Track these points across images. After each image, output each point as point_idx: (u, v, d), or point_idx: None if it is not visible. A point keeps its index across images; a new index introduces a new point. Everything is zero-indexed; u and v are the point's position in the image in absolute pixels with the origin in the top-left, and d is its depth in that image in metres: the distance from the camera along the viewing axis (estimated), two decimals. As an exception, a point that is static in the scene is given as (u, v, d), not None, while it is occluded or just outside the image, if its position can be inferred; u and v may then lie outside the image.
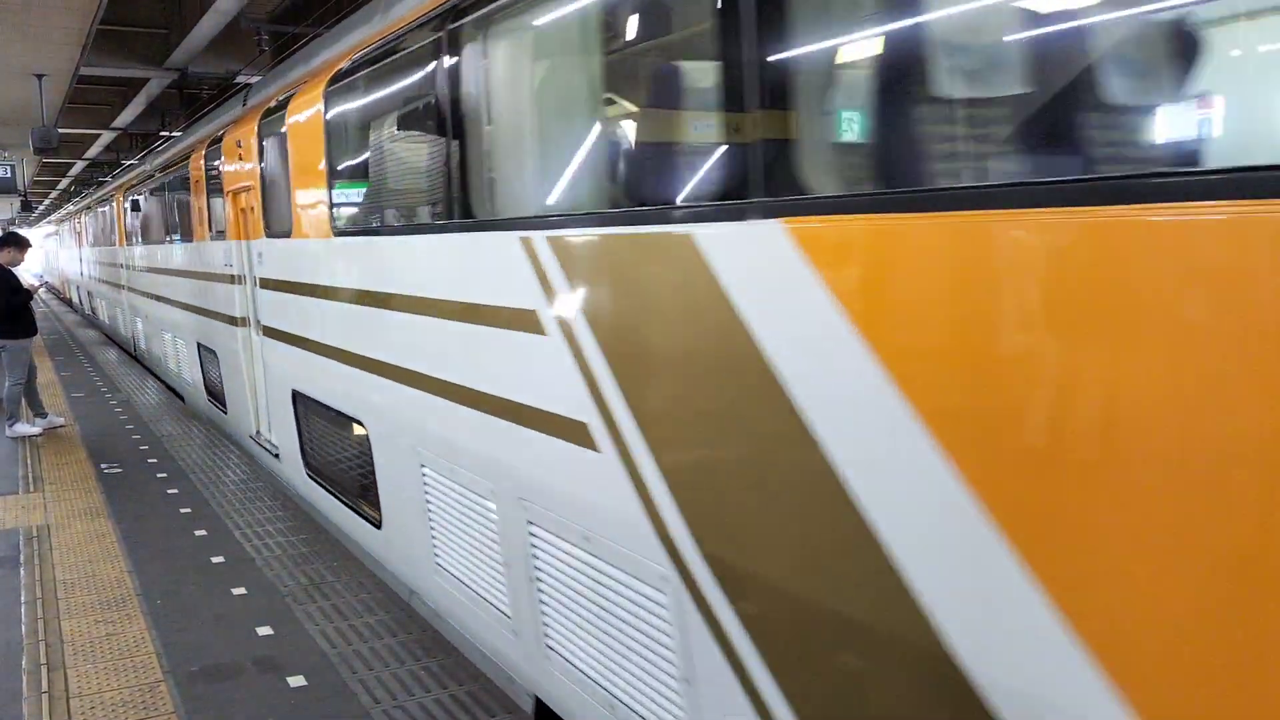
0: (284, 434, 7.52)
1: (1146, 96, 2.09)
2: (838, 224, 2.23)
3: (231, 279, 8.64)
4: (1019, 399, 1.85)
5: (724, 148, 2.60)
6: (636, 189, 3.22)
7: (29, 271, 11.33)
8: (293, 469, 7.45)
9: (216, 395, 10.29)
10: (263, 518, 7.06)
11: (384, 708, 4.23)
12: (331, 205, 5.79)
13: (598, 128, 3.61)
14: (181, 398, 12.73)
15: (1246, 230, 1.49)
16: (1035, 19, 2.12)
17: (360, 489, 5.87)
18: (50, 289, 42.93)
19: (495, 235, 3.67)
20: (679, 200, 2.90)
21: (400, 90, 4.85)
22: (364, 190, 5.69)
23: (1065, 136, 2.08)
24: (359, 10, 6.46)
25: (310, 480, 7.01)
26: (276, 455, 7.97)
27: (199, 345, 10.65)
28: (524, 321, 3.45)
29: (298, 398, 6.93)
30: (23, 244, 10.57)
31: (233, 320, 8.75)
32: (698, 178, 2.82)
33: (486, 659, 4.53)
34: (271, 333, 7.50)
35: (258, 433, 8.70)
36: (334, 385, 5.99)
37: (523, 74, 3.80)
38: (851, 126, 2.51)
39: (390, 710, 4.21)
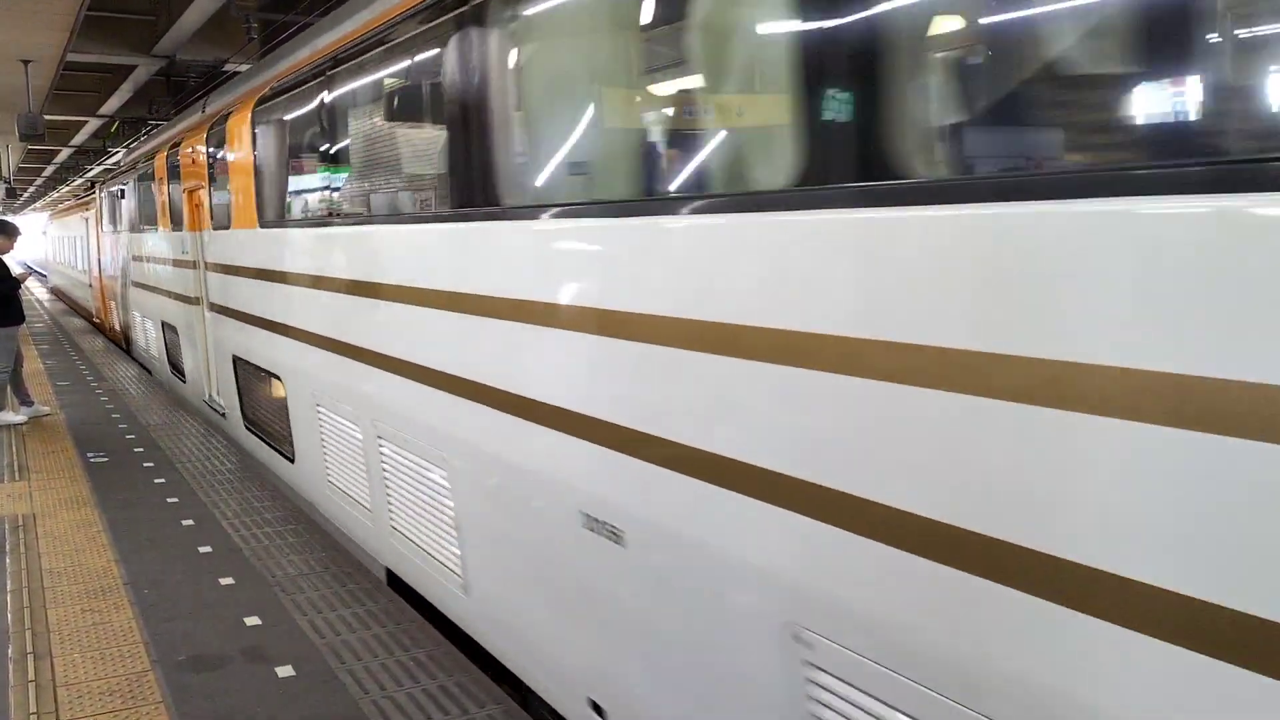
0: None
1: None
2: None
3: None
4: None
5: None
6: None
7: (15, 260, 11.32)
8: None
9: None
10: (251, 507, 7.04)
11: (373, 698, 4.23)
12: None
13: None
14: None
15: None
16: None
17: None
18: (62, 297, 30.39)
19: None
20: None
21: None
22: None
23: None
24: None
25: None
26: None
27: None
28: None
29: None
30: (11, 232, 10.58)
31: None
32: None
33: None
34: None
35: None
36: None
37: None
38: None
39: (379, 700, 4.21)
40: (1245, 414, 1.68)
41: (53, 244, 32.19)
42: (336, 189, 6.29)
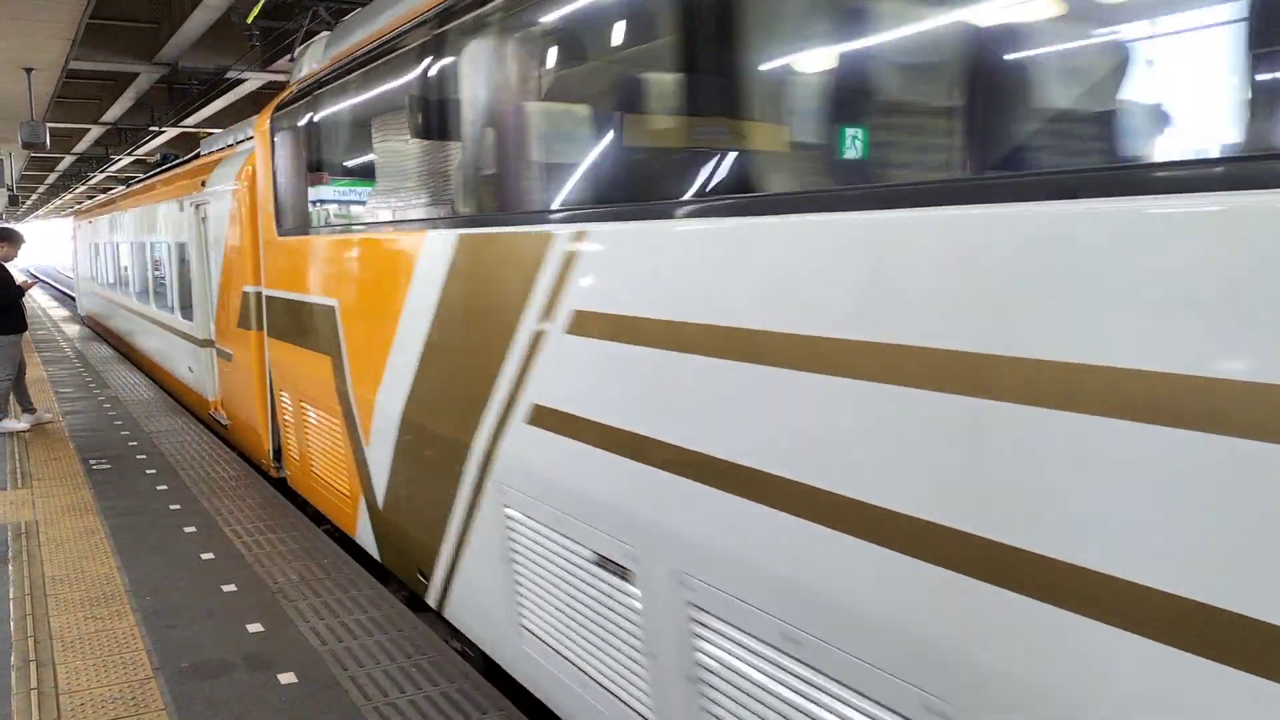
0: None
1: None
2: None
3: None
4: None
5: None
6: None
7: (19, 268, 11.35)
8: None
9: None
10: (253, 514, 7.04)
11: (375, 704, 4.23)
12: None
13: None
14: None
15: None
16: None
17: None
18: (109, 339, 18.69)
19: None
20: None
21: None
22: None
23: None
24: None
25: None
26: None
27: None
28: None
29: None
30: (15, 239, 10.63)
31: None
32: None
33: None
34: None
35: None
36: None
37: None
38: None
39: (381, 707, 4.21)
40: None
41: (88, 252, 19.43)
42: None
